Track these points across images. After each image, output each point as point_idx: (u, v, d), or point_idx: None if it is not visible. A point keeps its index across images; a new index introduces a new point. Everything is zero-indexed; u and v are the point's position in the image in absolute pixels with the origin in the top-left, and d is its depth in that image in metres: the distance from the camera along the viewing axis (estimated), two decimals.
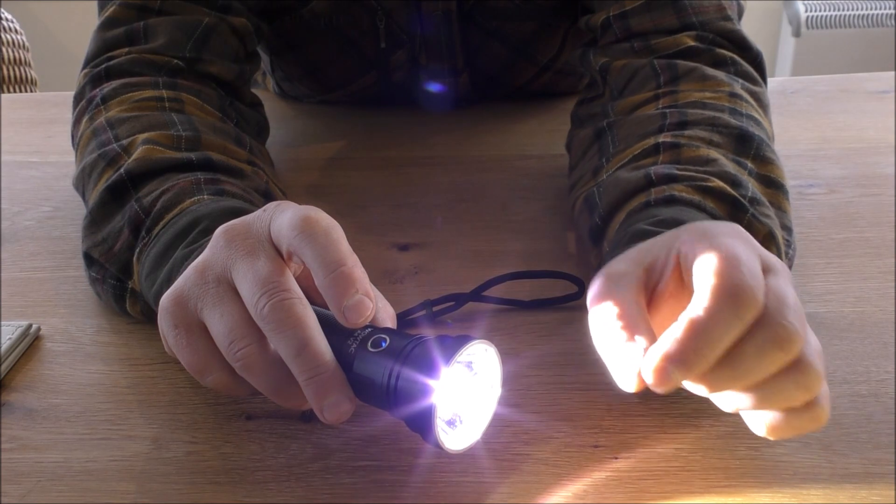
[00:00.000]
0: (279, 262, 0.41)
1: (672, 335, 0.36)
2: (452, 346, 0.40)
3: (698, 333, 0.36)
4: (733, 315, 0.36)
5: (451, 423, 0.42)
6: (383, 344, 0.41)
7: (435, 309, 0.55)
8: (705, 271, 0.37)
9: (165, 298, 0.43)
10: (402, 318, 0.54)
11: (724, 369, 0.37)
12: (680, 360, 0.36)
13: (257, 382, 0.42)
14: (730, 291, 0.36)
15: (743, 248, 0.39)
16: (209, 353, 0.42)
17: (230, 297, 0.41)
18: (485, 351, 0.42)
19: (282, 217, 0.42)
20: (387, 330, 0.42)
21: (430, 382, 0.39)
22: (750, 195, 0.52)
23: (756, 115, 0.59)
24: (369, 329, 0.42)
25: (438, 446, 0.40)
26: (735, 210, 0.50)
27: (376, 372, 0.40)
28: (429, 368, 0.39)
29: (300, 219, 0.41)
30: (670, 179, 0.52)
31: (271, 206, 0.44)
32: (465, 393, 0.42)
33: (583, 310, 0.56)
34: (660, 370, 0.36)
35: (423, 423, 0.40)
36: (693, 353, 0.36)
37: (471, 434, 0.43)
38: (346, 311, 0.40)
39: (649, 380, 0.37)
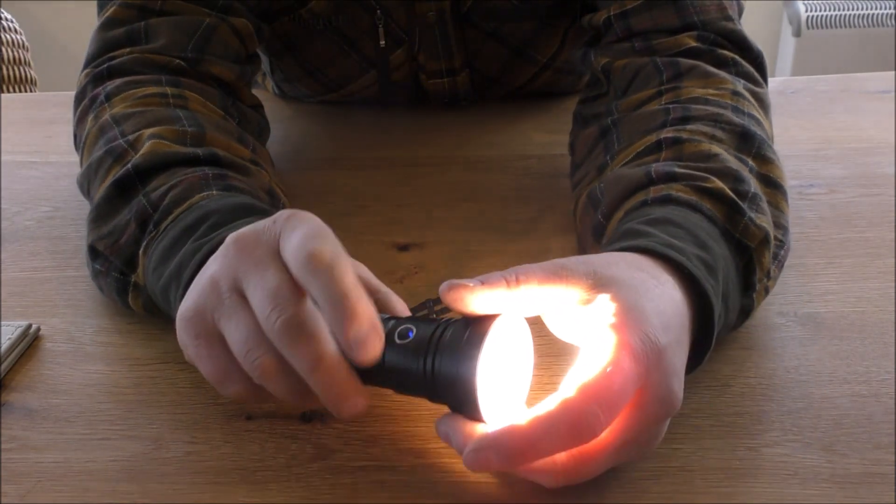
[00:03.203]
0: (287, 274, 0.41)
1: (510, 432, 0.39)
2: (482, 324, 0.40)
3: (530, 443, 0.39)
4: (567, 440, 0.39)
5: (492, 396, 0.42)
6: (410, 334, 0.41)
7: (436, 308, 0.55)
8: (581, 375, 0.39)
9: (184, 310, 0.43)
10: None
11: None
12: (504, 457, 0.39)
13: (275, 390, 0.42)
14: (575, 423, 0.38)
15: (629, 366, 0.39)
16: (229, 363, 0.42)
17: (243, 307, 0.42)
18: (513, 323, 0.42)
19: (289, 241, 0.41)
20: (409, 319, 0.42)
21: (470, 365, 0.39)
22: (752, 192, 0.52)
23: (757, 115, 0.59)
24: (392, 321, 0.42)
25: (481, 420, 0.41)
26: (732, 213, 0.50)
27: (410, 362, 0.41)
28: (465, 350, 0.39)
29: (305, 256, 0.40)
30: (670, 178, 0.52)
31: (281, 217, 0.43)
32: (503, 367, 0.42)
33: None
34: (481, 460, 0.39)
35: (467, 406, 0.40)
36: (518, 455, 0.39)
37: (514, 402, 0.43)
38: (353, 347, 0.40)
39: (468, 463, 0.40)
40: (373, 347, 0.40)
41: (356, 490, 0.44)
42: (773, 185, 0.55)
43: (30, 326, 0.56)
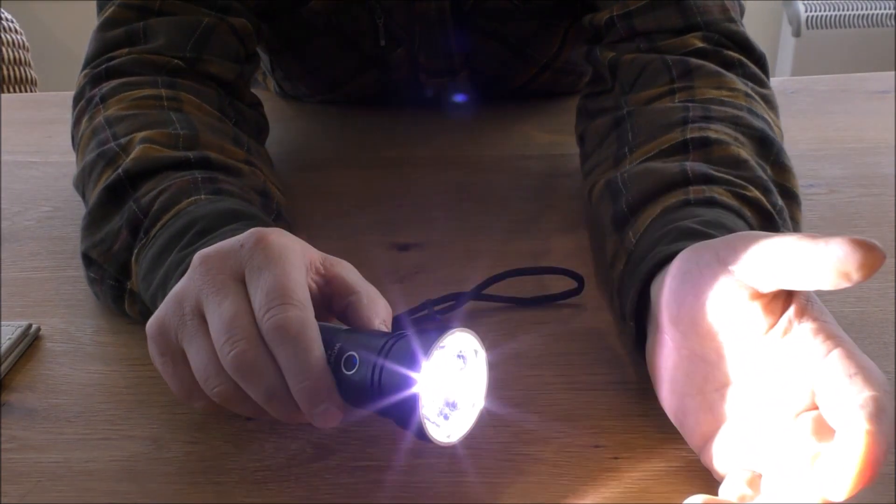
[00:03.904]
0: (245, 304, 0.41)
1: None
2: (429, 337, 0.40)
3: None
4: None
5: (443, 414, 0.42)
6: (355, 362, 0.41)
7: (436, 309, 0.55)
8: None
9: (150, 326, 0.44)
10: (403, 318, 0.54)
11: None
12: None
13: (239, 411, 0.43)
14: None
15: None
16: (193, 381, 0.43)
17: (203, 332, 0.42)
18: (465, 339, 0.41)
19: (255, 286, 0.41)
20: (357, 341, 0.42)
21: (410, 379, 0.39)
22: (780, 205, 0.52)
23: (769, 119, 0.59)
24: (339, 345, 0.42)
25: (426, 438, 0.40)
26: (768, 225, 0.50)
27: (359, 387, 0.40)
28: (409, 364, 0.39)
29: (273, 325, 0.40)
30: (708, 180, 0.52)
31: (249, 242, 0.43)
32: (451, 384, 0.42)
33: (583, 308, 0.56)
34: None
35: (408, 416, 0.39)
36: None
37: (464, 424, 0.42)
38: (314, 418, 0.41)
39: None
40: (332, 419, 0.40)
41: (356, 490, 0.44)
42: (789, 196, 0.55)
43: (30, 326, 0.56)
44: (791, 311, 0.38)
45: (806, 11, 2.21)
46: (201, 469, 0.45)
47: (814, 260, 0.34)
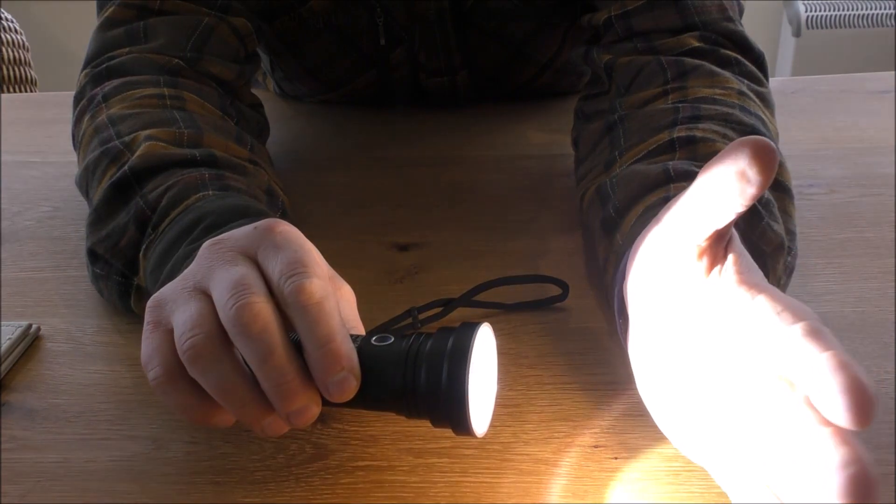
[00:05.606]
0: (254, 270, 0.41)
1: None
2: (466, 331, 0.39)
3: None
4: None
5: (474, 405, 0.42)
6: (390, 338, 0.40)
7: (421, 316, 0.54)
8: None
9: (150, 300, 0.43)
10: (385, 326, 0.53)
11: None
12: None
13: (203, 381, 0.39)
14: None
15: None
16: (161, 345, 0.40)
17: (198, 298, 0.40)
18: (487, 334, 0.42)
19: (274, 261, 0.41)
20: (386, 332, 0.42)
21: (461, 373, 0.38)
22: (766, 197, 0.52)
23: (763, 116, 0.59)
24: (364, 335, 0.42)
25: (470, 432, 0.39)
26: (751, 216, 0.50)
27: (388, 368, 0.40)
28: (454, 357, 0.38)
29: (295, 289, 0.39)
30: (690, 176, 0.52)
31: (262, 226, 0.43)
32: (481, 377, 0.42)
33: (583, 309, 0.56)
34: None
35: (457, 410, 0.39)
36: None
37: (483, 417, 0.42)
38: (330, 387, 0.39)
39: None
40: (349, 389, 0.39)
41: (355, 490, 0.44)
42: (781, 189, 0.55)
43: (30, 326, 0.56)
44: (727, 263, 0.37)
45: (806, 11, 2.21)
46: (201, 469, 0.45)
47: (716, 171, 0.35)
